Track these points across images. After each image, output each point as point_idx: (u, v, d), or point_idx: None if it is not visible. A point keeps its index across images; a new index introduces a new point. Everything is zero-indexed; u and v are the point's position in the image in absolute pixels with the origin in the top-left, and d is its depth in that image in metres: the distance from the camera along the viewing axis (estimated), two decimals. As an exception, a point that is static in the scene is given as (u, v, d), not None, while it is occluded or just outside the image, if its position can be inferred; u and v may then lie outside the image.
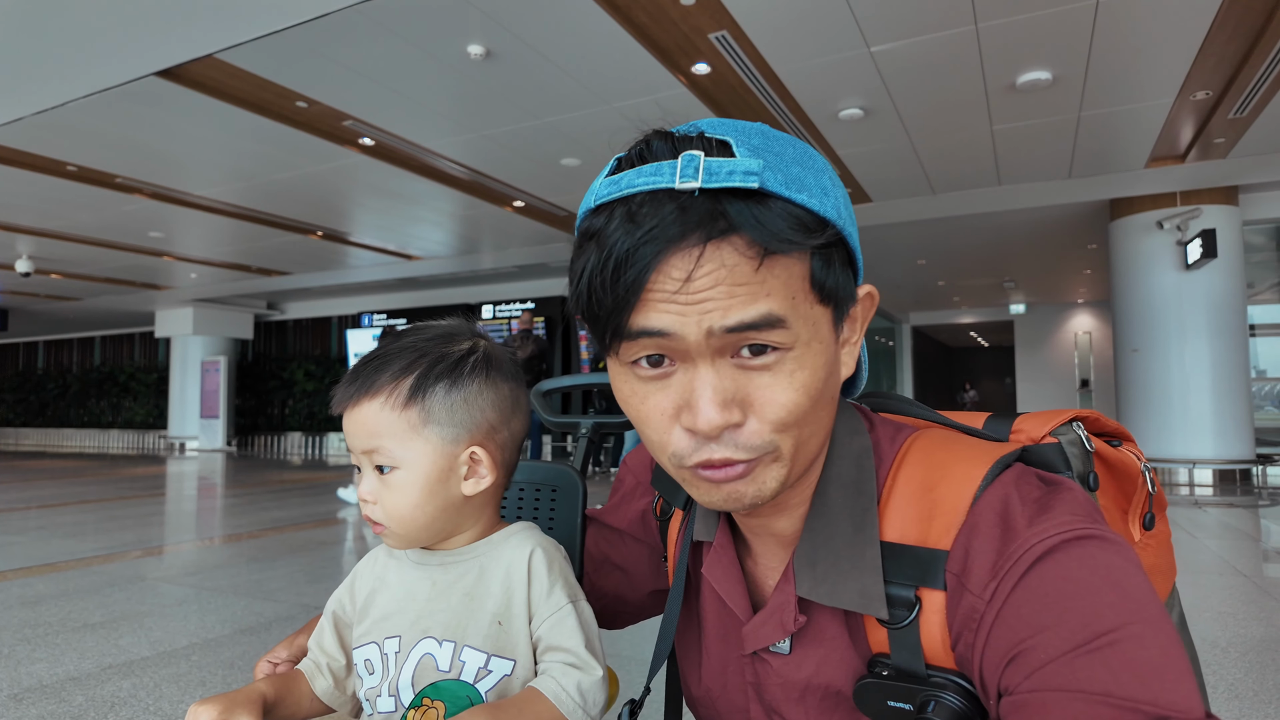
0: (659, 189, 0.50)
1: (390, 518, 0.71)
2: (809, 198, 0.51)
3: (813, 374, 0.53)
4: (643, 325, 0.51)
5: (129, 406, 16.75)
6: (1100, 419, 0.67)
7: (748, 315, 0.49)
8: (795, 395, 0.52)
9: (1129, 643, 0.46)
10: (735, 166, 0.49)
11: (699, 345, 0.50)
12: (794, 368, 0.52)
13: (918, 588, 0.55)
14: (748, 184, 0.48)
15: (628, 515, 0.87)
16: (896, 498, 0.59)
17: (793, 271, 0.51)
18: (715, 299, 0.49)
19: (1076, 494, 0.54)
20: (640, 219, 0.49)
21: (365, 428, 0.70)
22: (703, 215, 0.49)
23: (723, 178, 0.49)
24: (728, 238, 0.49)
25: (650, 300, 0.50)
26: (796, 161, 0.53)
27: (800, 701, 0.62)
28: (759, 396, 0.52)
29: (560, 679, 0.69)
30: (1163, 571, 0.66)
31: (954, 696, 0.53)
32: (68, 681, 2.42)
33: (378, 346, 0.75)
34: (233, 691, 0.67)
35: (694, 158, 0.50)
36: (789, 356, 0.52)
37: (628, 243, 0.49)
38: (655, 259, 0.49)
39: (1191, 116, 6.10)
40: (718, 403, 0.51)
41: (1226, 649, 2.65)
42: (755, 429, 0.53)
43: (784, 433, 0.53)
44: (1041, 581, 0.49)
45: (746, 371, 0.52)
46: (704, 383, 0.51)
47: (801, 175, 0.52)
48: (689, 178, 0.49)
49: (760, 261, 0.49)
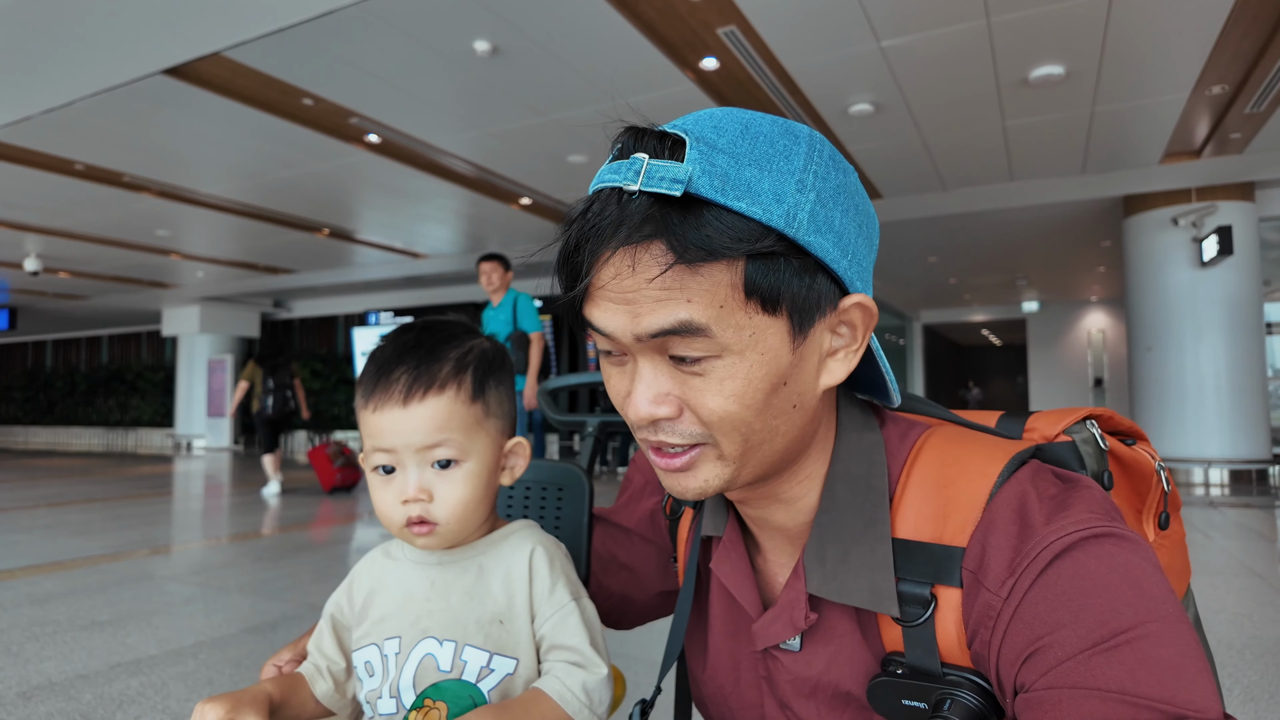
0: (616, 186, 0.51)
1: (451, 515, 0.70)
2: (750, 204, 0.49)
3: (746, 384, 0.52)
4: (590, 319, 0.54)
5: (136, 405, 16.84)
6: (1114, 417, 0.66)
7: (665, 322, 0.50)
8: (724, 402, 0.53)
9: (1146, 641, 0.45)
10: (667, 172, 0.49)
11: (632, 344, 0.53)
12: (724, 375, 0.52)
13: (933, 585, 0.55)
14: (672, 191, 0.48)
15: (636, 514, 0.86)
16: (910, 494, 0.58)
17: (719, 280, 0.50)
18: (640, 302, 0.51)
19: (1094, 491, 0.54)
20: (591, 214, 0.52)
21: (433, 422, 0.68)
22: (636, 219, 0.50)
23: (655, 183, 0.49)
24: (648, 243, 0.49)
25: (595, 295, 0.53)
26: (758, 162, 0.51)
27: (811, 698, 0.62)
28: (692, 398, 0.53)
29: (564, 678, 0.69)
30: (1177, 572, 0.66)
31: (970, 695, 0.53)
32: (76, 679, 2.42)
33: (398, 342, 0.72)
34: (239, 691, 0.66)
35: (637, 161, 0.50)
36: (717, 364, 0.52)
37: (576, 236, 0.52)
38: (593, 256, 0.51)
39: (1207, 111, 6.03)
40: (649, 398, 0.53)
41: (1242, 651, 2.61)
42: (689, 419, 0.54)
43: (722, 434, 0.54)
44: (1059, 579, 0.49)
45: (681, 373, 0.53)
46: (639, 379, 0.54)
47: (754, 178, 0.50)
48: (630, 180, 0.50)
49: (666, 270, 0.49)
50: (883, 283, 12.79)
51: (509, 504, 0.95)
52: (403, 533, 0.71)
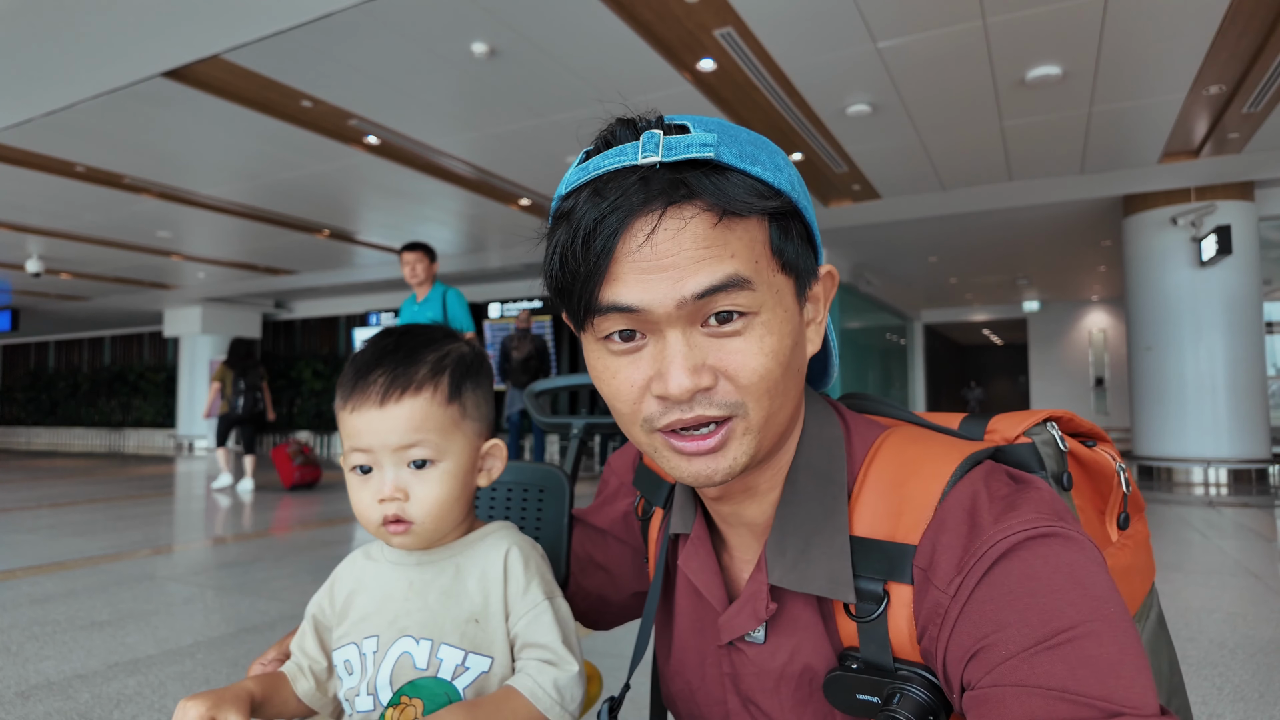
0: (623, 167, 0.53)
1: (426, 514, 0.71)
2: (762, 170, 0.54)
3: (780, 340, 0.54)
4: (612, 300, 0.53)
5: (138, 406, 16.86)
6: (1075, 419, 0.67)
7: (715, 277, 0.51)
8: (765, 360, 0.54)
9: (1087, 640, 0.46)
10: (692, 140, 0.52)
11: (669, 316, 0.52)
12: (763, 333, 0.54)
13: (886, 582, 0.56)
14: (704, 154, 0.52)
15: (610, 516, 0.87)
16: (867, 493, 0.59)
17: (754, 236, 0.54)
18: (681, 265, 0.51)
19: (1044, 492, 0.55)
20: (606, 193, 0.52)
21: (409, 422, 0.70)
22: (664, 184, 0.52)
23: (681, 150, 0.52)
24: (688, 201, 0.52)
25: (619, 271, 0.52)
26: (750, 142, 0.56)
27: (775, 691, 0.63)
28: (730, 362, 0.54)
29: (536, 676, 0.70)
30: (1140, 571, 0.66)
31: (919, 689, 0.54)
32: (74, 679, 2.43)
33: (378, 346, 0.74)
34: (221, 689, 0.67)
35: (654, 135, 0.53)
36: (757, 321, 0.54)
37: (594, 214, 0.52)
38: (621, 226, 0.51)
39: (1205, 111, 6.03)
40: (688, 369, 0.53)
41: (1235, 650, 2.62)
42: (726, 389, 0.54)
43: (754, 399, 0.54)
44: (1005, 578, 0.50)
45: (717, 339, 0.54)
46: (674, 351, 0.53)
47: (755, 153, 0.55)
48: (650, 153, 0.52)
49: (719, 220, 0.52)
50: (883, 282, 12.78)
51: (491, 505, 0.96)
52: (379, 531, 0.72)
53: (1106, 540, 0.65)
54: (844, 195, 8.26)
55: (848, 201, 8.48)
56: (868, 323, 12.73)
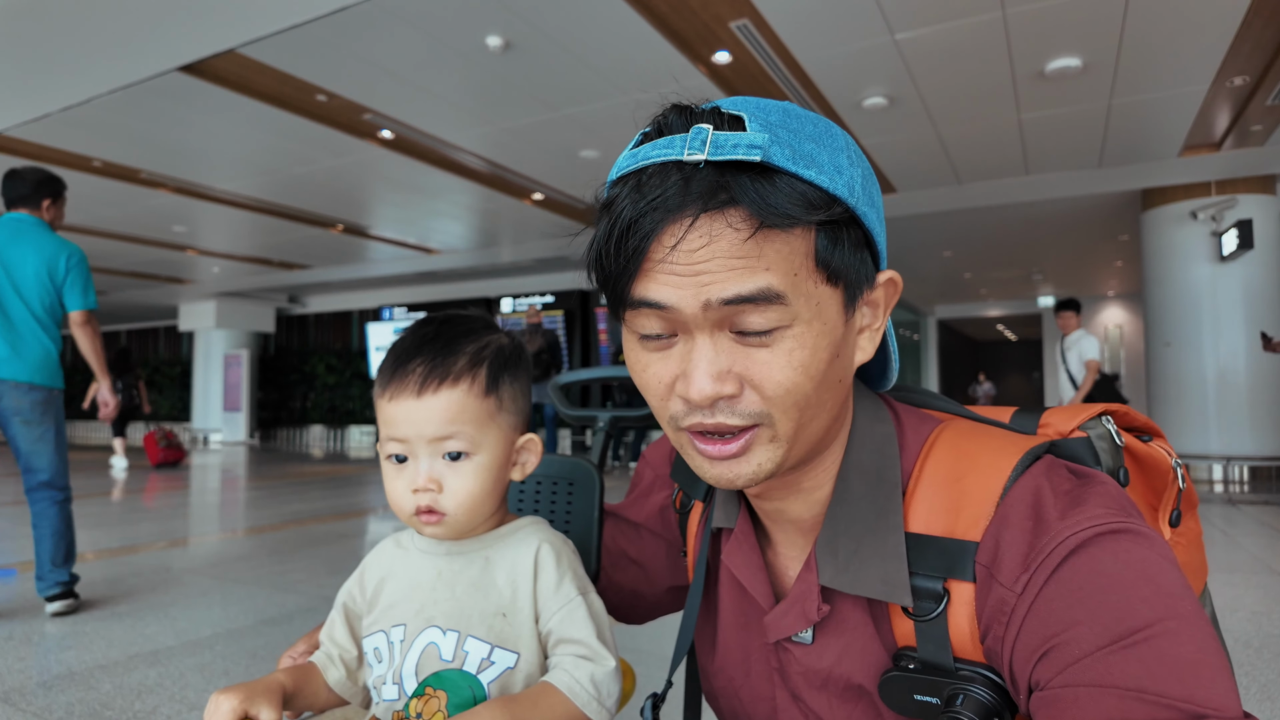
0: (669, 161, 0.50)
1: (459, 505, 0.71)
2: (818, 174, 0.51)
3: (813, 354, 0.52)
4: (643, 295, 0.52)
5: (154, 399, 17.01)
6: (1130, 413, 0.65)
7: (745, 288, 0.50)
8: (793, 374, 0.52)
9: (1164, 639, 0.45)
10: (741, 140, 0.49)
11: (696, 318, 0.51)
12: (793, 345, 0.52)
13: (945, 579, 0.54)
14: (750, 157, 0.49)
15: (646, 510, 0.86)
16: (923, 488, 0.58)
17: (794, 247, 0.51)
18: (712, 271, 0.50)
19: (1109, 487, 0.53)
20: (647, 189, 0.50)
21: (445, 413, 0.70)
22: (705, 187, 0.49)
23: (728, 150, 0.49)
24: (725, 210, 0.49)
25: (651, 270, 0.51)
26: (812, 138, 0.53)
27: (822, 690, 0.62)
28: (756, 372, 0.52)
29: (573, 671, 0.69)
30: (1193, 570, 0.65)
31: (983, 690, 0.52)
32: (96, 669, 2.45)
33: (418, 335, 0.74)
34: (253, 681, 0.67)
35: (702, 130, 0.50)
36: (788, 334, 0.52)
37: (632, 212, 0.50)
38: (656, 228, 0.50)
39: (1227, 103, 5.94)
40: (712, 374, 0.52)
41: (1260, 649, 2.58)
42: (751, 399, 0.53)
43: (781, 411, 0.53)
44: (1074, 575, 0.48)
45: (745, 346, 0.52)
46: (700, 355, 0.52)
47: (814, 151, 0.52)
48: (696, 150, 0.50)
49: (753, 234, 0.49)
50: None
51: (520, 498, 0.95)
52: (412, 520, 0.72)
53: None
54: (858, 189, 8.20)
55: (862, 195, 8.42)
56: (881, 318, 12.65)
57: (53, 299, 3.19)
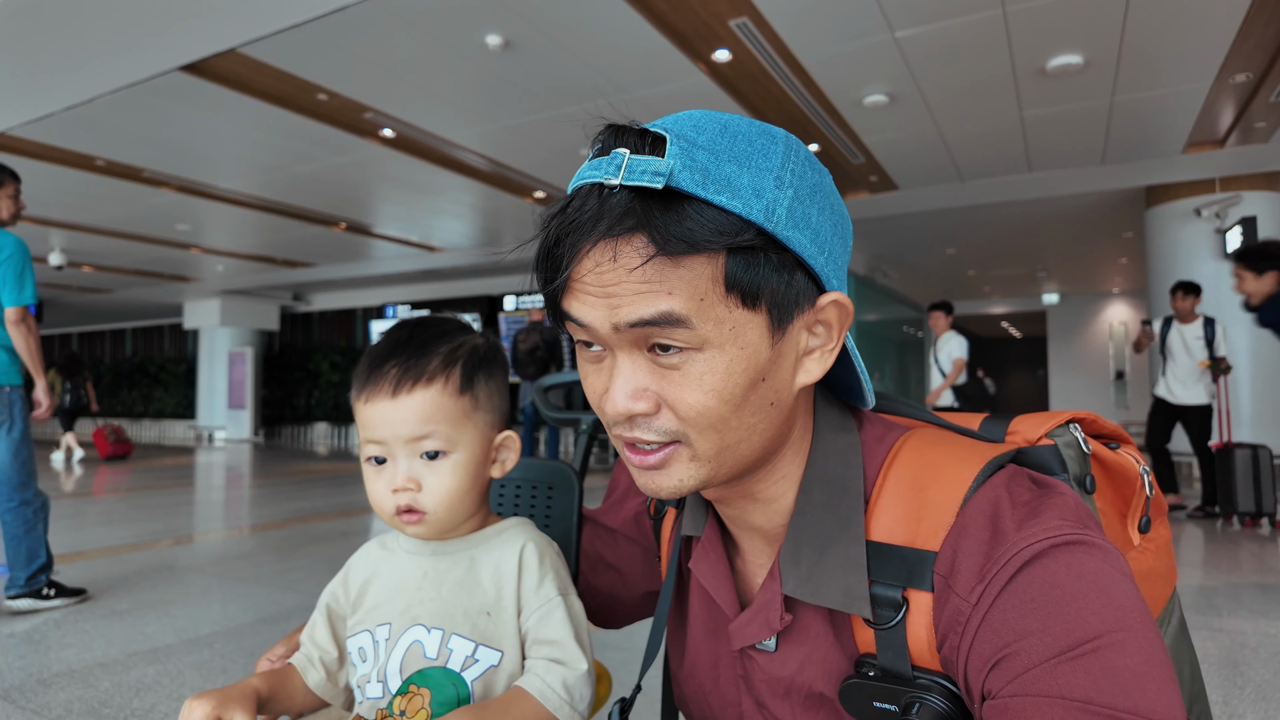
0: (595, 182, 0.52)
1: (438, 504, 0.72)
2: (730, 199, 0.50)
3: (725, 378, 0.53)
4: (568, 311, 0.54)
5: (159, 397, 17.09)
6: (1098, 421, 0.65)
7: (646, 312, 0.51)
8: (703, 397, 0.53)
9: (1112, 650, 0.46)
10: (648, 166, 0.50)
11: (610, 337, 0.53)
12: (703, 370, 0.52)
13: (905, 588, 0.55)
14: (654, 184, 0.49)
15: (621, 515, 0.87)
16: (886, 497, 0.58)
17: (700, 273, 0.51)
18: (620, 294, 0.51)
19: (1068, 498, 0.53)
20: (570, 210, 0.52)
21: (419, 413, 0.70)
22: (617, 212, 0.50)
23: (636, 176, 0.50)
24: (629, 235, 0.50)
25: (574, 287, 0.53)
26: (735, 159, 0.52)
27: (786, 698, 0.62)
28: (669, 393, 0.54)
29: (545, 676, 0.70)
30: (1162, 576, 0.65)
31: (939, 699, 0.53)
32: (95, 667, 2.47)
33: (392, 338, 0.75)
34: (227, 687, 0.68)
35: (618, 155, 0.51)
36: (698, 358, 0.52)
37: (556, 231, 0.53)
38: (572, 249, 0.52)
39: (1231, 100, 5.91)
40: (626, 392, 0.53)
41: (1256, 649, 2.58)
42: (666, 417, 0.54)
43: (697, 432, 0.54)
44: (1028, 586, 0.49)
45: (659, 368, 0.53)
46: (618, 372, 0.54)
47: (733, 174, 0.51)
48: (612, 174, 0.51)
49: (649, 260, 0.50)
50: (900, 275, 12.68)
51: (500, 501, 0.96)
52: (393, 521, 0.73)
53: (1128, 544, 0.64)
54: (861, 187, 8.19)
55: (864, 193, 8.41)
56: (884, 315, 12.63)
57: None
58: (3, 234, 3.16)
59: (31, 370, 3.24)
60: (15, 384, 3.18)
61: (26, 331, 3.15)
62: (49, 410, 3.32)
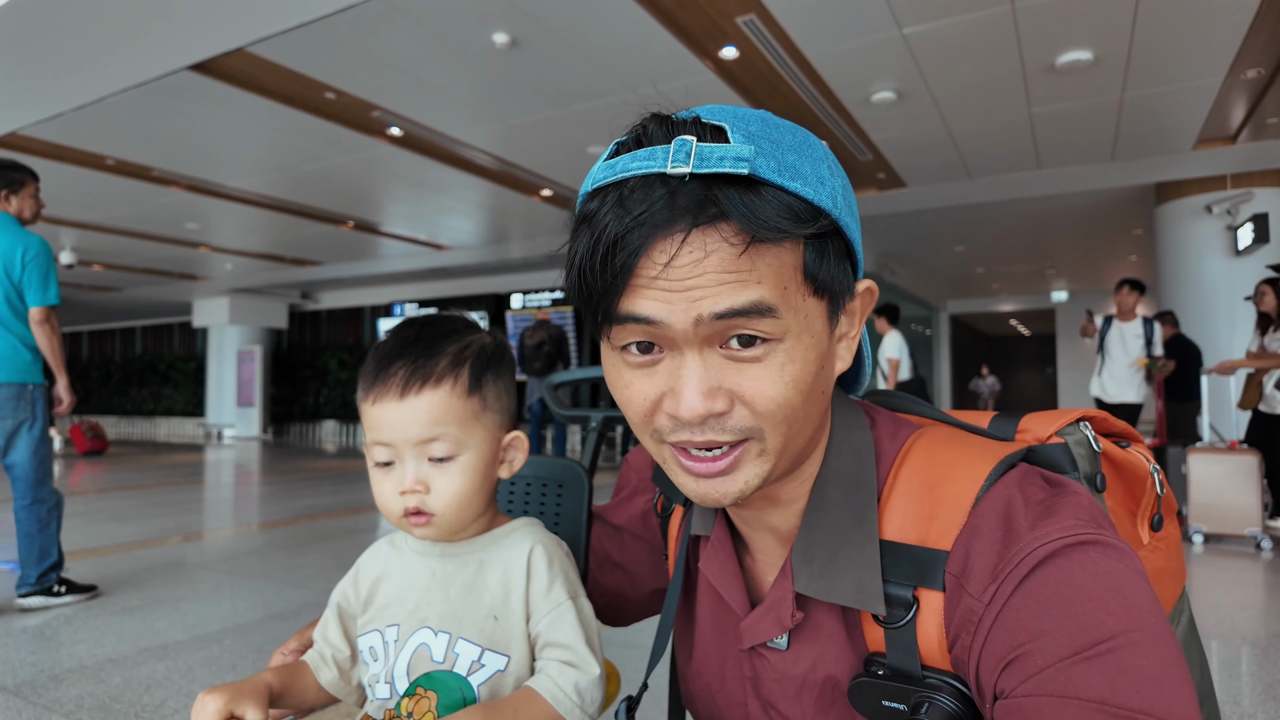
0: (652, 174, 0.49)
1: (447, 506, 0.71)
2: (803, 186, 0.50)
3: (803, 368, 0.52)
4: (630, 310, 0.51)
5: (169, 394, 17.19)
6: (1108, 419, 0.65)
7: (737, 302, 0.49)
8: (784, 389, 0.51)
9: (1127, 650, 0.45)
10: (726, 152, 0.48)
11: (686, 333, 0.50)
12: (784, 360, 0.51)
13: (916, 588, 0.54)
14: (738, 170, 0.48)
15: (629, 513, 0.86)
16: (897, 496, 0.58)
17: (784, 261, 0.50)
18: (704, 285, 0.49)
19: (1081, 497, 0.53)
20: (630, 204, 0.49)
21: (428, 415, 0.69)
22: (692, 201, 0.48)
23: (714, 163, 0.48)
24: (716, 224, 0.48)
25: (638, 286, 0.50)
26: (793, 149, 0.52)
27: (797, 698, 0.62)
28: (747, 388, 0.51)
29: (557, 678, 0.69)
30: (1172, 574, 0.64)
31: (948, 699, 0.53)
32: (106, 663, 2.49)
33: (399, 337, 0.74)
34: (239, 681, 0.67)
35: (686, 143, 0.49)
36: (779, 348, 0.51)
37: (617, 227, 0.49)
38: (643, 244, 0.49)
39: (1242, 96, 5.86)
40: (702, 391, 0.51)
41: (1267, 648, 2.56)
42: (740, 414, 0.52)
43: (771, 426, 0.53)
44: (1041, 586, 0.49)
45: (735, 363, 0.51)
46: (690, 371, 0.51)
47: (797, 163, 0.51)
48: (680, 163, 0.48)
49: (746, 249, 0.48)
50: (908, 272, 12.63)
51: (509, 500, 0.96)
52: (401, 523, 0.72)
53: (1138, 543, 0.64)
54: (869, 184, 8.16)
55: (872, 190, 8.38)
56: (892, 313, 12.59)
57: (16, 293, 3.14)
58: (28, 235, 3.19)
59: (54, 368, 3.30)
60: (39, 382, 3.23)
61: (50, 330, 3.21)
62: (69, 407, 3.37)
